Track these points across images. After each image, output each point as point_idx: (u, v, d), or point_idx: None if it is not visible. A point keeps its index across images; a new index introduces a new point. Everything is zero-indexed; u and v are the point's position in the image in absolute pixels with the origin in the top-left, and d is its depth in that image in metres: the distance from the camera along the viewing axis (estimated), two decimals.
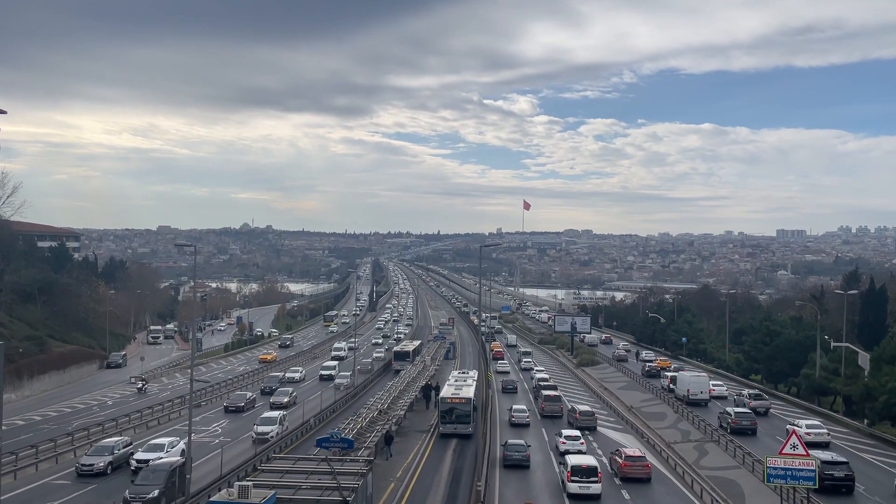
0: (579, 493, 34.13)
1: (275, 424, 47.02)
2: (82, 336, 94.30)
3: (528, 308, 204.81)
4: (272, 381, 71.67)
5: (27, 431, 50.53)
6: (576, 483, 34.39)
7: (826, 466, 35.18)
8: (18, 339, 74.73)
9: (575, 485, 34.37)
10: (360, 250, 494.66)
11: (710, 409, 60.08)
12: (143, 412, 54.47)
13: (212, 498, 25.33)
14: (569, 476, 34.85)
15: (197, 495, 31.48)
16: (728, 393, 65.46)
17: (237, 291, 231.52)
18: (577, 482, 34.37)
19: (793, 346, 70.58)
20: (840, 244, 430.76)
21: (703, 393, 62.38)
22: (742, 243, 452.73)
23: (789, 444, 28.34)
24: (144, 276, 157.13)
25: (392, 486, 36.19)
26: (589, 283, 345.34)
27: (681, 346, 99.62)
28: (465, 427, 47.73)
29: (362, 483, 26.82)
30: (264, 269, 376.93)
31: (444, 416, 48.73)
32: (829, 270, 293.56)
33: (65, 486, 35.85)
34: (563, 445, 43.47)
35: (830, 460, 36.37)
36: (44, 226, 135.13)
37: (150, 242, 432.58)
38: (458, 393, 50.31)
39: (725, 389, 66.62)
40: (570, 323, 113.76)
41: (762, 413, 57.04)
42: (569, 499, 34.47)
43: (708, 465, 43.16)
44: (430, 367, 75.45)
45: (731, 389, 67.89)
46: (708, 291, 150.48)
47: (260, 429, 46.54)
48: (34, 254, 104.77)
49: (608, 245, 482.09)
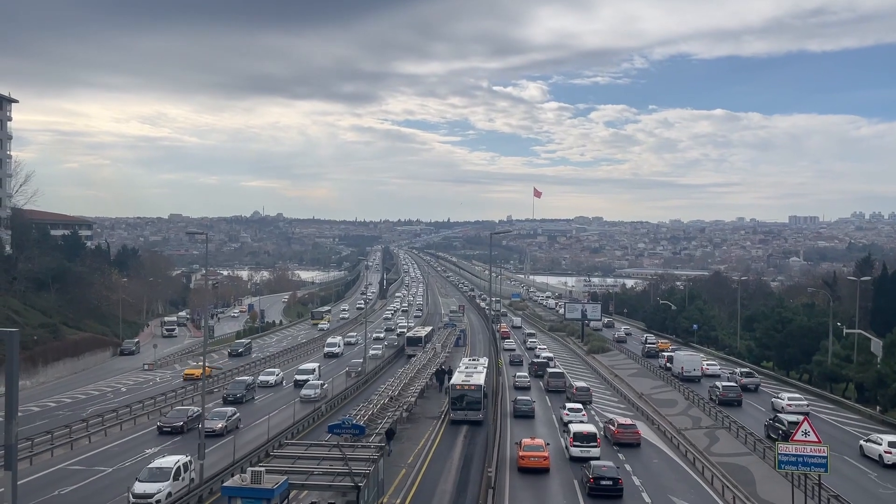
0: (580, 455, 37.66)
1: (165, 480, 30.64)
2: (95, 323, 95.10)
3: (534, 294, 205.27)
4: (238, 388, 56.84)
5: (42, 418, 51.15)
6: (577, 448, 38.44)
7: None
8: (33, 327, 75.47)
9: (577, 449, 38.42)
10: (370, 238, 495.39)
11: (702, 384, 65.52)
12: (156, 399, 54.98)
13: (225, 483, 25.54)
14: (571, 441, 39.12)
15: (210, 481, 31.77)
16: (721, 372, 70.54)
17: (248, 279, 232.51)
18: (579, 447, 38.41)
19: (805, 333, 70.21)
20: (853, 230, 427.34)
21: (695, 370, 69.41)
22: (754, 230, 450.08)
23: (801, 430, 28.25)
24: (156, 264, 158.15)
25: (403, 472, 36.38)
26: (599, 270, 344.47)
27: (692, 333, 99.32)
28: (476, 413, 47.76)
29: (374, 469, 26.96)
30: (275, 257, 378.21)
31: (455, 403, 48.68)
32: (842, 257, 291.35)
33: (80, 472, 36.25)
34: (567, 416, 48.56)
35: None
36: (57, 214, 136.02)
37: (162, 230, 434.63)
38: (468, 380, 50.20)
39: (719, 368, 71.71)
40: (581, 310, 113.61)
41: (752, 389, 62.11)
42: (571, 461, 38.12)
43: (719, 452, 43.18)
44: (441, 355, 75.61)
45: (724, 368, 73.00)
46: (719, 278, 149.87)
47: (139, 489, 30.03)
48: (47, 242, 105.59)
49: (619, 232, 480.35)
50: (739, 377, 64.91)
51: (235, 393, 56.15)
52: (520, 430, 46.62)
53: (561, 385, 63.64)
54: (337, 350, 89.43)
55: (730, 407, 54.06)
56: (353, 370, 68.71)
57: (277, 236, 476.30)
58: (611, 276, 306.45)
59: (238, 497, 23.10)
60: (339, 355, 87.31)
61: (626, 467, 37.94)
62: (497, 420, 45.74)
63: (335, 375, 68.89)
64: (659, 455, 42.39)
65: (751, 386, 62.77)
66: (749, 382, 63.23)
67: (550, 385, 64.64)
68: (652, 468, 38.99)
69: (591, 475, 32.77)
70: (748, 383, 63.03)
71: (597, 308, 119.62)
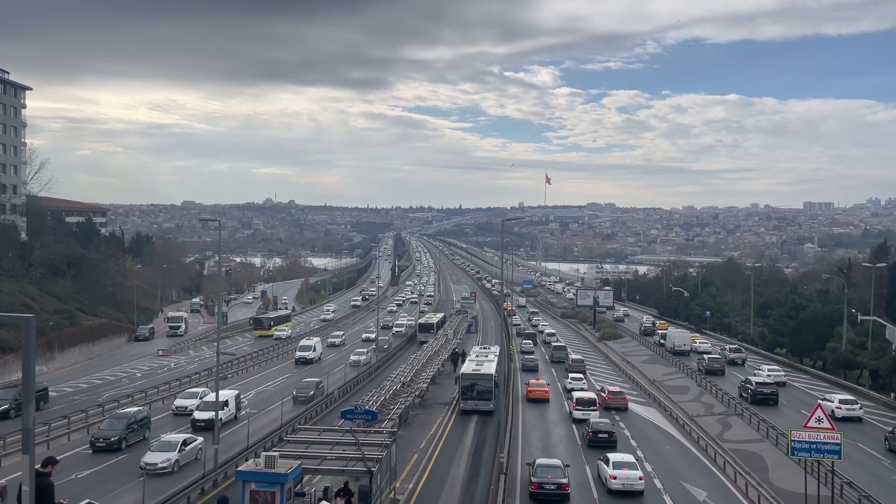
0: (581, 417, 45.26)
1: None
2: (110, 310, 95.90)
3: (542, 279, 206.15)
4: (113, 429, 38.35)
5: (59, 403, 51.74)
6: (579, 411, 46.10)
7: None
8: (49, 313, 76.21)
9: (578, 412, 46.04)
10: (381, 225, 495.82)
11: (691, 357, 74.20)
12: (170, 384, 55.52)
13: (239, 468, 25.78)
14: (574, 406, 47.32)
15: (224, 465, 32.09)
16: (712, 349, 76.29)
17: (261, 266, 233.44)
18: (580, 410, 46.01)
19: (819, 320, 69.82)
20: (868, 216, 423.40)
21: (685, 345, 78.21)
22: (768, 216, 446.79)
23: (814, 417, 28.16)
24: (170, 251, 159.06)
25: (416, 457, 36.61)
26: (612, 257, 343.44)
27: (704, 319, 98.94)
28: (487, 403, 47.11)
29: (386, 454, 27.15)
30: (287, 244, 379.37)
31: (465, 392, 48.10)
32: (857, 243, 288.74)
33: (96, 457, 36.69)
34: (570, 384, 57.24)
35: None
36: (71, 201, 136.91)
37: (176, 217, 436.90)
38: (479, 369, 49.63)
39: (710, 346, 78.07)
40: (593, 297, 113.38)
41: (740, 363, 69.51)
42: (574, 422, 45.73)
43: (731, 439, 43.10)
44: (453, 341, 75.83)
45: (715, 346, 79.48)
46: (733, 265, 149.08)
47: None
48: (62, 229, 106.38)
49: (631, 219, 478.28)
50: (728, 353, 72.04)
51: (109, 437, 37.46)
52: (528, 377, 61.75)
53: (563, 356, 74.14)
54: (311, 355, 71.02)
55: (714, 376, 62.82)
56: (301, 394, 50.01)
57: (290, 223, 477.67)
58: (623, 262, 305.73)
59: (252, 481, 23.31)
60: (312, 361, 70.67)
61: (638, 454, 38.05)
62: (509, 405, 45.89)
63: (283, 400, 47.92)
64: (671, 441, 42.57)
65: (738, 360, 70.23)
66: (736, 357, 70.86)
67: (553, 356, 76.37)
68: (664, 454, 39.02)
69: (590, 430, 39.95)
70: (735, 358, 70.52)
71: (609, 294, 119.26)
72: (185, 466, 33.85)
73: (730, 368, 66.34)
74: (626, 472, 30.98)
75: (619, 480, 30.79)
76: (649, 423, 47.43)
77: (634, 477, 30.87)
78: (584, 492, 31.70)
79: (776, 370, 61.47)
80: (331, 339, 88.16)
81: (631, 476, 30.87)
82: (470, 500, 30.54)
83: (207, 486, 30.42)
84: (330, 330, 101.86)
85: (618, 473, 30.97)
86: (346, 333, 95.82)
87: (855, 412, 45.60)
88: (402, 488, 31.17)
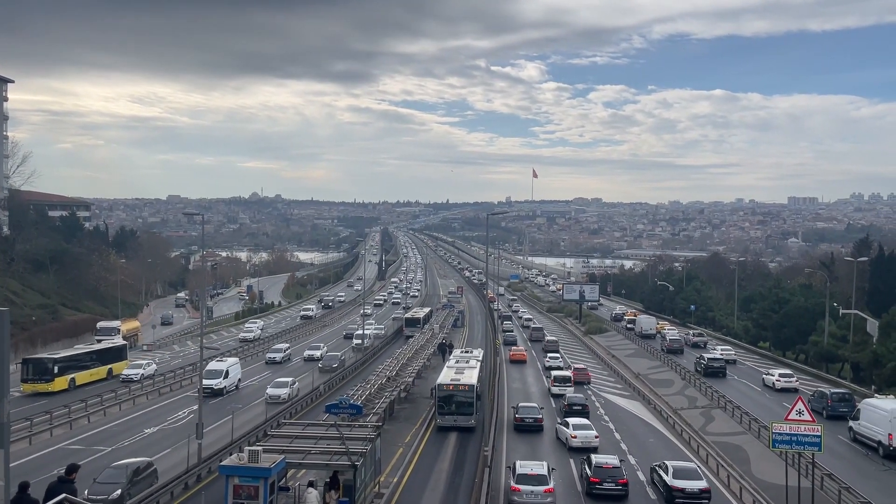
0: (557, 392, 52.39)
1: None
2: (94, 305, 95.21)
3: (526, 273, 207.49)
4: None
5: (41, 398, 51.24)
6: (556, 387, 53.46)
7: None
8: (31, 308, 75.61)
9: (556, 388, 53.39)
10: (368, 219, 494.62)
11: (656, 339, 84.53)
12: (155, 379, 55.18)
13: (222, 462, 25.70)
14: (552, 383, 54.87)
15: (208, 460, 31.99)
16: (679, 335, 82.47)
17: (247, 260, 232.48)
18: (557, 386, 53.50)
19: (801, 314, 70.46)
20: (852, 211, 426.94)
21: (651, 329, 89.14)
22: (753, 211, 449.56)
23: (795, 410, 28.41)
24: (155, 245, 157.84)
25: (400, 451, 36.66)
26: (598, 251, 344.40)
27: (689, 313, 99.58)
28: (467, 419, 41.69)
29: (371, 448, 27.14)
30: (274, 239, 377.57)
31: (442, 406, 41.99)
32: (841, 238, 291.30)
33: (79, 451, 36.48)
34: (548, 362, 65.92)
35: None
36: (54, 195, 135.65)
37: (161, 212, 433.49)
38: (458, 378, 43.54)
39: (677, 332, 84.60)
40: (579, 291, 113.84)
41: (701, 346, 77.81)
42: (552, 397, 52.67)
43: (714, 431, 43.49)
44: (439, 335, 75.89)
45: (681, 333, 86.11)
46: (718, 259, 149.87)
47: None
48: (45, 223, 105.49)
49: (618, 213, 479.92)
50: (691, 336, 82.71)
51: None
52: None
53: (539, 336, 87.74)
54: (219, 383, 51.64)
55: (674, 354, 72.92)
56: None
57: (276, 217, 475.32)
58: (609, 257, 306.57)
59: (235, 476, 23.20)
60: (222, 393, 51.53)
61: (622, 447, 38.30)
62: (495, 397, 45.98)
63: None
64: (654, 434, 42.98)
65: (700, 343, 79.71)
66: (698, 341, 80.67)
67: (532, 336, 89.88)
68: (648, 448, 39.29)
69: (566, 403, 46.77)
70: (697, 341, 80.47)
71: (595, 289, 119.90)
72: None
73: (693, 350, 75.83)
74: (584, 432, 38.56)
75: (578, 439, 38.06)
76: (633, 417, 47.78)
77: (591, 436, 38.18)
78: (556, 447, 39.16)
79: (728, 350, 70.57)
80: (271, 353, 68.90)
81: (588, 435, 38.21)
82: (454, 494, 30.63)
83: (191, 481, 30.34)
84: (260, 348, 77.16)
85: (577, 433, 38.27)
86: (293, 347, 75.70)
87: (792, 384, 54.76)
88: (387, 482, 31.19)
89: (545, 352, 74.18)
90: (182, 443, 33.86)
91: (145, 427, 42.17)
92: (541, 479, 28.41)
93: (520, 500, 27.94)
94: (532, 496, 27.89)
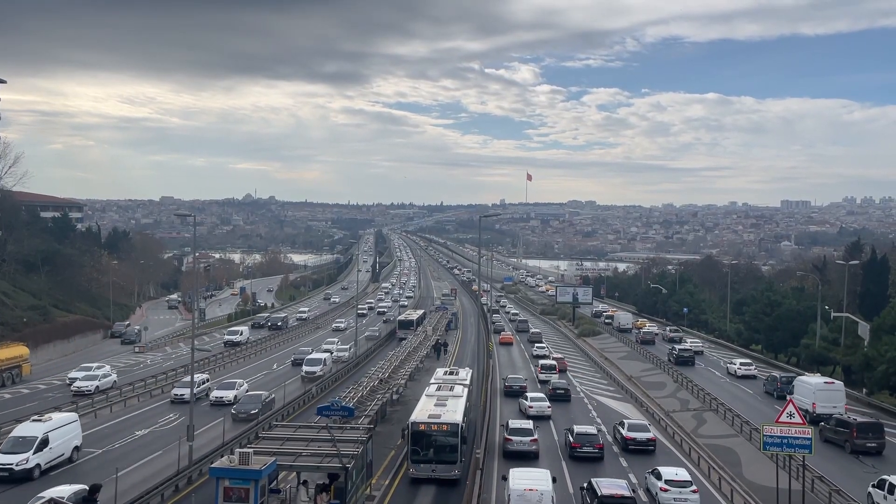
0: (544, 379, 58.98)
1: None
2: (86, 306, 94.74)
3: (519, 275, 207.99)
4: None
5: (32, 400, 51.08)
6: (543, 374, 60.31)
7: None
8: (23, 309, 75.19)
9: (542, 375, 60.25)
10: (362, 221, 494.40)
11: (632, 333, 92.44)
12: (146, 380, 55.01)
13: (213, 464, 25.61)
14: (538, 371, 61.87)
15: (199, 462, 31.88)
16: (657, 330, 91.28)
17: (241, 262, 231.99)
18: (544, 373, 60.22)
19: (793, 317, 70.63)
20: (844, 215, 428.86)
21: (628, 324, 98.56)
22: (746, 214, 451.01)
23: (786, 412, 28.50)
24: (148, 247, 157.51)
25: (392, 453, 36.59)
26: (592, 254, 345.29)
27: (682, 316, 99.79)
28: (448, 469, 31.24)
29: (362, 450, 27.08)
30: (267, 240, 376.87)
31: (416, 451, 31.57)
32: (833, 241, 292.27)
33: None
34: (535, 351, 74.56)
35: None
36: (46, 196, 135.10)
37: (154, 213, 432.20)
38: (438, 414, 32.85)
39: (656, 328, 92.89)
40: (572, 294, 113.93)
41: (677, 340, 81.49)
42: (539, 383, 58.71)
43: (706, 434, 43.54)
44: (432, 338, 75.78)
45: (659, 328, 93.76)
46: (711, 262, 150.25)
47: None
48: (37, 224, 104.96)
49: (611, 216, 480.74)
50: (668, 332, 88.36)
51: None
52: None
53: (525, 327, 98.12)
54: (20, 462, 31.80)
55: (647, 345, 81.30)
56: None
57: (270, 219, 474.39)
58: (603, 259, 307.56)
59: (226, 478, 23.15)
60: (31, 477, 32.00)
61: (614, 449, 38.36)
62: (486, 400, 45.95)
63: None
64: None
65: (676, 338, 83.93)
66: (674, 336, 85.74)
67: (519, 327, 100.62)
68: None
69: (551, 388, 53.27)
70: (673, 336, 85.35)
71: (588, 291, 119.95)
72: None
73: (667, 344, 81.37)
74: (538, 403, 46.64)
75: (534, 409, 45.90)
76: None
77: (544, 406, 46.32)
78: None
79: (696, 342, 78.97)
80: (178, 389, 49.78)
81: (542, 405, 46.37)
82: (446, 497, 30.57)
83: (182, 484, 30.21)
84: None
85: (533, 404, 46.38)
86: (226, 377, 58.89)
87: (751, 371, 62.70)
88: (379, 484, 31.12)
89: (531, 342, 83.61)
90: (173, 445, 33.73)
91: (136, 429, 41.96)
92: (527, 432, 36.89)
93: (512, 448, 36.14)
94: (521, 444, 36.23)
